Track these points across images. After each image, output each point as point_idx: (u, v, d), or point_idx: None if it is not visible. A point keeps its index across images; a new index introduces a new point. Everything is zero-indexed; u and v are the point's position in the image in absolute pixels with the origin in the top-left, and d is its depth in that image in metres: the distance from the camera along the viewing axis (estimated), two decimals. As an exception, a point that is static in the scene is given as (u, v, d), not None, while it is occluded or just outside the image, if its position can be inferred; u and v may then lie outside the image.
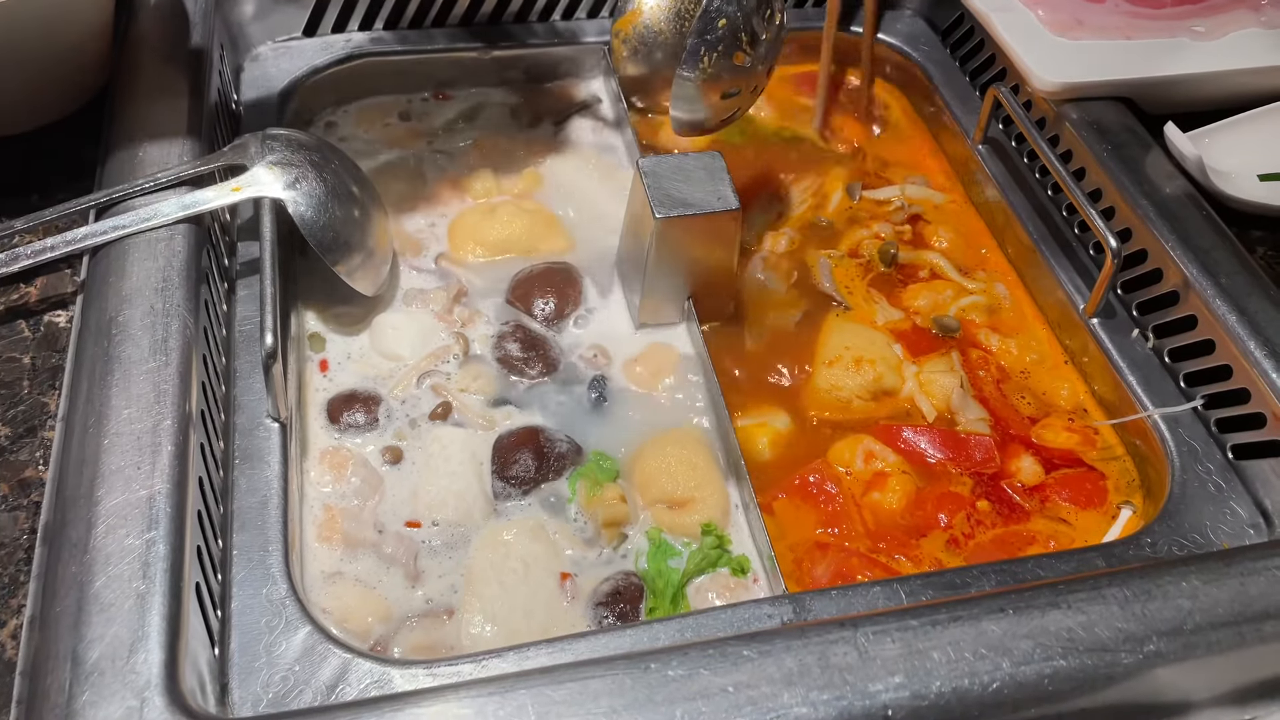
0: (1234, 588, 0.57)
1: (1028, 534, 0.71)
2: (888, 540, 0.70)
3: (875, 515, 0.71)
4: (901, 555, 0.69)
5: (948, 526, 0.71)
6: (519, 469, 0.71)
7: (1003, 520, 0.72)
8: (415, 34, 0.99)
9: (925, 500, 0.72)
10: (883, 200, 0.94)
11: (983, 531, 0.71)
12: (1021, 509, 0.72)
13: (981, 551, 0.69)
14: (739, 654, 0.51)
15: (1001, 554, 0.69)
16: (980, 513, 0.72)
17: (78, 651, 0.50)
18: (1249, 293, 0.73)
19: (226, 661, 0.57)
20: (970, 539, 0.70)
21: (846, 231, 0.91)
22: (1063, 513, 0.72)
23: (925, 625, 0.53)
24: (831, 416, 0.77)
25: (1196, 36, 0.93)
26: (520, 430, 0.73)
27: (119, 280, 0.66)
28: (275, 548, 0.61)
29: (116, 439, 0.58)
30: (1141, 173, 0.82)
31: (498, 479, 0.71)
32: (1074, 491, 0.73)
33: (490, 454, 0.72)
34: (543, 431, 0.73)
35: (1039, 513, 0.72)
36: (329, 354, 0.77)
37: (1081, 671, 0.53)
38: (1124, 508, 0.73)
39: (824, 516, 0.70)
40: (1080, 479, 0.74)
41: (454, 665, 0.56)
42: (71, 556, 0.54)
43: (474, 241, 0.85)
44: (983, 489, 0.73)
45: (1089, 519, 0.72)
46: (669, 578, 0.66)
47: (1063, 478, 0.74)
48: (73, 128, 0.82)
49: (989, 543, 0.70)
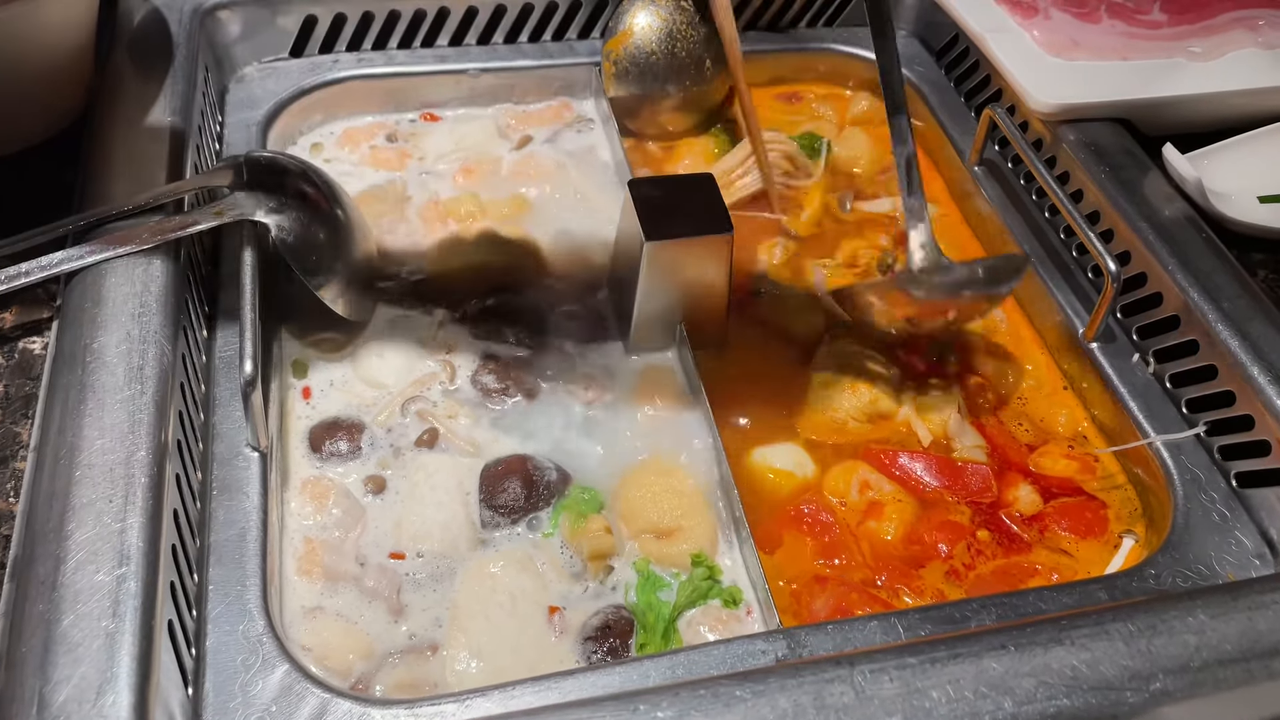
0: (1242, 622, 0.55)
1: (1029, 565, 0.69)
2: (888, 572, 0.68)
3: (873, 545, 0.69)
4: (903, 586, 0.67)
5: (948, 557, 0.69)
6: (508, 497, 0.69)
7: (1003, 551, 0.70)
8: (403, 54, 0.98)
9: (924, 529, 0.70)
10: (876, 213, 0.93)
11: (984, 562, 0.69)
12: (1021, 539, 0.70)
13: (983, 583, 0.68)
14: (731, 694, 0.50)
15: (1003, 586, 0.67)
16: (980, 542, 0.70)
17: (44, 694, 0.48)
18: (1251, 316, 0.72)
19: (200, 702, 0.55)
20: (971, 570, 0.69)
21: (841, 243, 0.91)
22: (1063, 543, 0.70)
23: (924, 663, 0.52)
24: (826, 439, 0.75)
25: (1194, 57, 0.92)
26: (509, 458, 0.71)
27: (95, 306, 0.65)
28: (253, 582, 0.60)
29: (89, 470, 0.56)
30: (1140, 195, 0.81)
31: (486, 507, 0.69)
32: (1074, 521, 0.71)
33: (478, 482, 0.70)
34: (531, 459, 0.71)
35: (1039, 543, 0.70)
36: (312, 381, 0.75)
37: (1086, 711, 0.51)
38: (1126, 537, 0.71)
39: (821, 547, 0.69)
40: (1080, 508, 0.72)
41: (436, 705, 0.54)
42: (39, 594, 0.52)
43: (445, 262, 0.84)
44: (982, 518, 0.71)
45: (1091, 549, 0.70)
46: (659, 611, 0.65)
47: (1062, 507, 0.72)
48: (53, 151, 0.81)
49: (990, 574, 0.68)
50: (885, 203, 0.94)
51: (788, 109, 1.04)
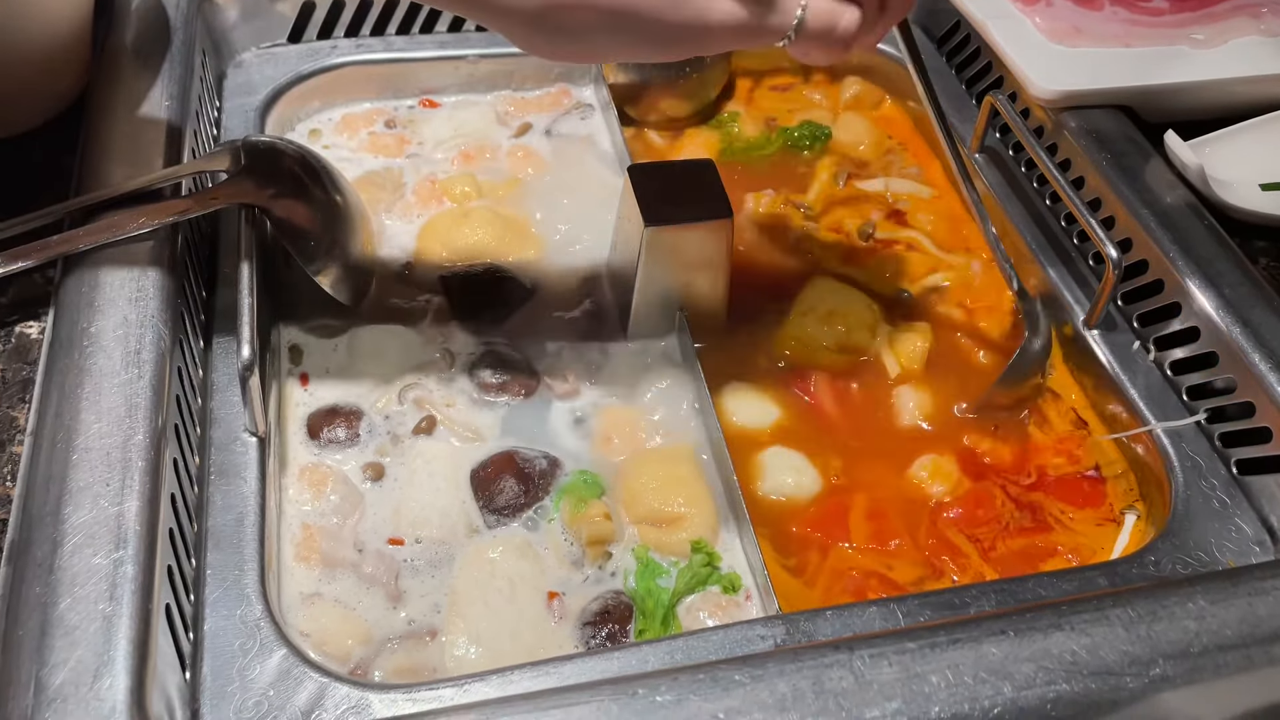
0: (1242, 608, 0.55)
1: (1045, 543, 0.70)
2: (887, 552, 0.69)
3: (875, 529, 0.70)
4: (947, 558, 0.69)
5: (958, 520, 0.70)
6: (506, 497, 0.68)
7: (1017, 531, 0.70)
8: (402, 40, 0.97)
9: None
10: (869, 191, 0.94)
11: (987, 535, 0.70)
12: (1029, 507, 0.71)
13: (997, 560, 0.69)
14: (730, 678, 0.49)
15: (1018, 561, 0.68)
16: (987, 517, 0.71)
17: (40, 677, 0.48)
18: (1252, 304, 0.72)
19: (198, 686, 0.54)
20: (989, 549, 0.70)
21: (828, 211, 0.92)
22: (1062, 516, 0.71)
23: (924, 648, 0.51)
24: (793, 356, 0.78)
25: (1196, 44, 0.92)
26: (493, 458, 0.70)
27: (92, 291, 0.65)
28: (251, 567, 0.59)
29: (85, 454, 0.56)
30: (1141, 182, 0.81)
31: (488, 512, 0.68)
32: (1069, 492, 0.72)
33: (469, 485, 0.69)
34: (517, 453, 0.71)
35: (1043, 515, 0.71)
36: (309, 367, 0.75)
37: (1086, 696, 0.51)
38: (1128, 514, 0.71)
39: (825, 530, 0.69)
40: (1076, 481, 0.73)
41: (435, 689, 0.54)
42: (36, 577, 0.52)
43: (441, 245, 0.83)
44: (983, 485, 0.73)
45: (1090, 522, 0.71)
46: (658, 597, 0.64)
47: (1058, 480, 0.73)
48: (50, 135, 0.80)
49: (1007, 553, 0.69)
50: (879, 183, 0.95)
51: (782, 99, 1.04)
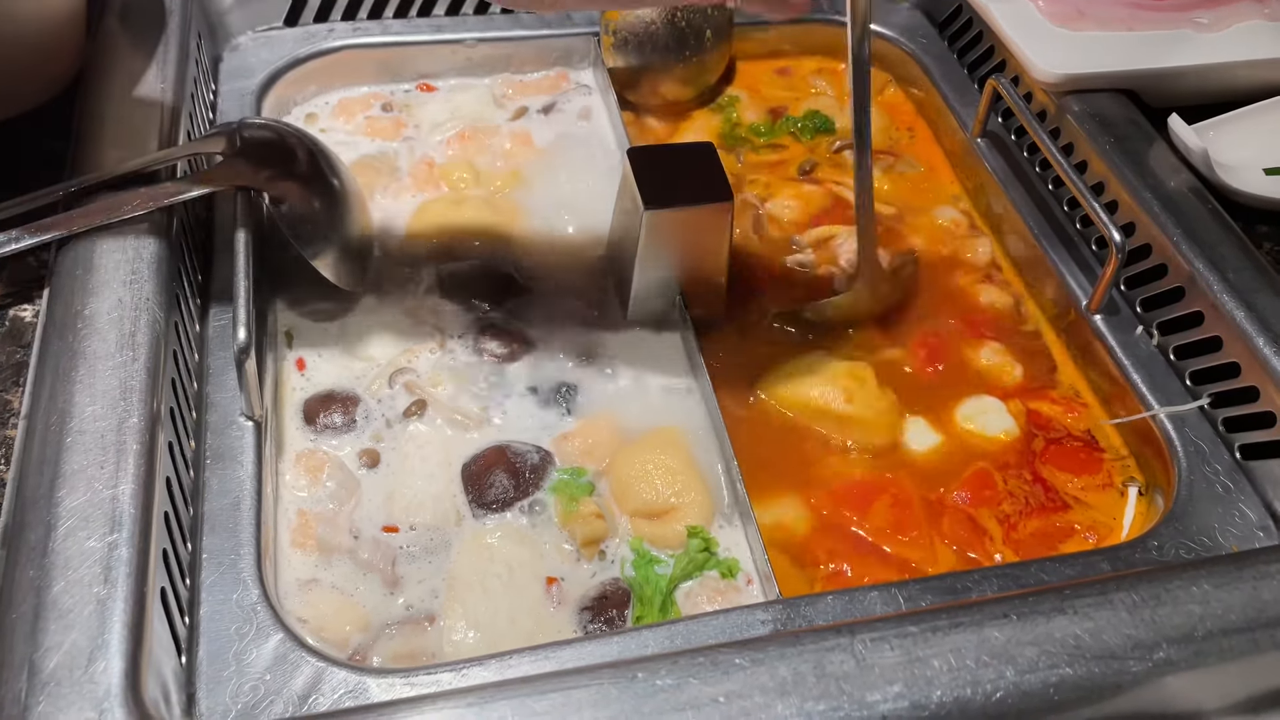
0: (1246, 592, 0.54)
1: (1063, 523, 0.70)
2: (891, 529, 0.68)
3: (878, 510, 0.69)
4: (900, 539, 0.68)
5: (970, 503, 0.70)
6: (497, 491, 0.68)
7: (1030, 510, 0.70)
8: (399, 24, 0.96)
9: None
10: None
11: (991, 506, 0.70)
12: (1039, 482, 0.71)
13: (1017, 542, 0.69)
14: (730, 662, 0.49)
15: (1036, 543, 0.68)
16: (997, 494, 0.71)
17: (34, 660, 0.48)
18: (1256, 288, 0.71)
19: (194, 670, 0.54)
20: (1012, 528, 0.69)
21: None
22: (1063, 484, 0.71)
23: (925, 631, 0.51)
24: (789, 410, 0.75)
25: (1200, 28, 0.91)
26: (485, 452, 0.70)
27: (86, 273, 0.64)
28: (247, 551, 0.59)
29: (79, 437, 0.56)
30: (1145, 166, 0.80)
31: (477, 506, 0.67)
32: (1068, 460, 0.72)
33: (460, 475, 0.69)
34: (508, 447, 0.70)
35: (1055, 493, 0.71)
36: (305, 352, 0.74)
37: (1088, 680, 0.50)
38: (1130, 486, 0.71)
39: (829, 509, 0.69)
40: (1074, 450, 0.73)
41: (432, 674, 0.54)
42: (30, 560, 0.51)
43: (437, 229, 0.83)
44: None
45: (1097, 494, 0.71)
46: (657, 584, 0.64)
47: (1057, 451, 0.73)
48: (44, 118, 0.80)
49: (1026, 535, 0.69)
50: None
51: (784, 83, 1.03)
